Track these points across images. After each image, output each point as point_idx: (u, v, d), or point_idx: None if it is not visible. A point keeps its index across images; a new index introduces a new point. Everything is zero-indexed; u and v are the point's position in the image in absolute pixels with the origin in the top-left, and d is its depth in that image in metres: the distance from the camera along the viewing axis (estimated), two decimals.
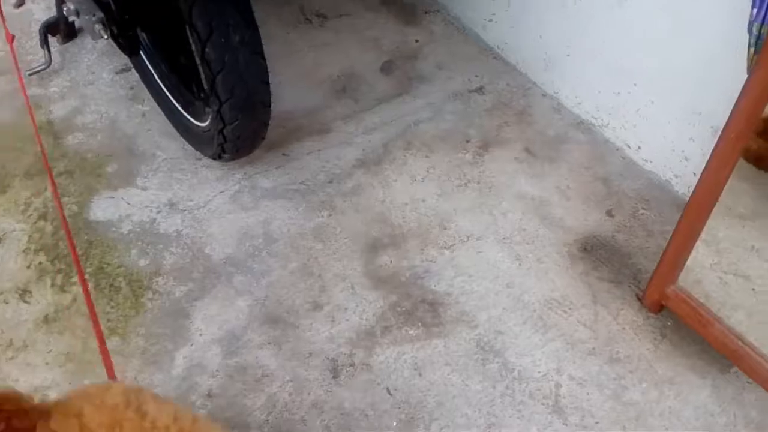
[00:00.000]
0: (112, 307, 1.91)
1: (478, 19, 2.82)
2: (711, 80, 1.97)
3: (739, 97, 1.51)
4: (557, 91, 2.59)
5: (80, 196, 2.20)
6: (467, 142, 2.42)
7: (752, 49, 1.55)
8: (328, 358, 1.81)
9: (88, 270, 1.99)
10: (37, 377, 1.76)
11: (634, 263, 2.04)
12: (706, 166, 1.67)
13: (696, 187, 1.72)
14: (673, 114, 2.17)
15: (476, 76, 2.68)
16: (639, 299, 1.95)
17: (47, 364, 1.79)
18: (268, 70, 1.91)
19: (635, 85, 2.27)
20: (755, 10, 1.55)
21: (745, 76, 1.52)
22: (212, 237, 2.10)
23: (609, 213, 2.21)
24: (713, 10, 1.88)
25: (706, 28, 1.94)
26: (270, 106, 2.00)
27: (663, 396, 1.75)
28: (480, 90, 2.63)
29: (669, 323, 1.90)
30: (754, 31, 1.53)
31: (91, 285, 1.95)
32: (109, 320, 1.88)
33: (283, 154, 2.33)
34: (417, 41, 2.81)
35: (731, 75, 1.48)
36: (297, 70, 2.64)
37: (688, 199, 1.75)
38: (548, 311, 1.92)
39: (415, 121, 2.48)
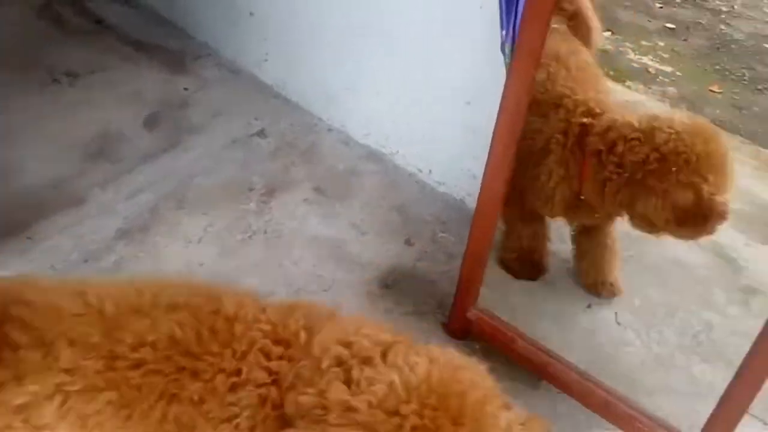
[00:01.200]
0: None
1: (253, 60, 2.72)
2: (480, 99, 2.03)
3: (498, 111, 1.55)
4: (344, 125, 2.55)
5: None
6: (250, 190, 2.27)
7: (507, 68, 1.59)
8: None
9: None
10: None
11: (437, 290, 2.01)
12: (482, 180, 1.68)
13: (477, 205, 1.72)
14: (455, 135, 2.20)
15: (256, 118, 2.56)
16: (444, 327, 1.92)
17: None
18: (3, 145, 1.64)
19: (417, 111, 2.28)
20: (504, 32, 1.64)
21: None
22: None
23: (408, 242, 2.16)
24: (476, 36, 1.95)
25: (468, 52, 2.01)
26: None
27: None
28: (261, 133, 2.51)
29: (477, 347, 1.87)
30: (506, 50, 1.60)
31: None
32: None
33: (28, 238, 2.02)
34: (186, 89, 2.64)
35: (496, 92, 1.52)
36: (43, 138, 2.34)
37: None
38: None
39: (188, 175, 2.29)
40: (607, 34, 2.98)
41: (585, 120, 1.70)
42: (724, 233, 2.24)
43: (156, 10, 3.01)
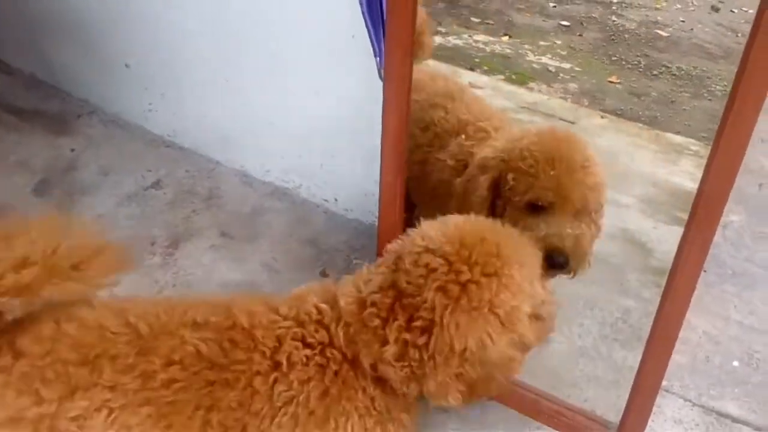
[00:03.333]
0: None
1: (137, 112, 2.74)
2: (370, 125, 2.01)
3: (381, 135, 1.66)
4: (243, 165, 2.60)
5: None
6: (152, 244, 2.29)
7: None
8: None
9: None
10: None
11: None
12: (378, 210, 1.77)
13: (378, 234, 1.82)
14: (353, 161, 2.29)
15: (149, 170, 2.58)
16: None
17: None
18: None
19: (314, 142, 2.36)
20: (378, 59, 1.76)
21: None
22: None
23: (323, 273, 2.22)
24: (352, 65, 2.04)
25: (350, 81, 2.11)
26: None
27: None
28: (157, 184, 2.53)
29: None
30: (383, 76, 1.67)
31: None
32: None
33: None
34: (73, 150, 2.64)
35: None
36: None
37: None
38: None
39: None
40: (506, 38, 3.14)
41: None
42: (633, 219, 2.40)
43: (32, 73, 3.01)
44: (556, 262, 1.54)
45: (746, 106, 1.17)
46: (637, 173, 2.60)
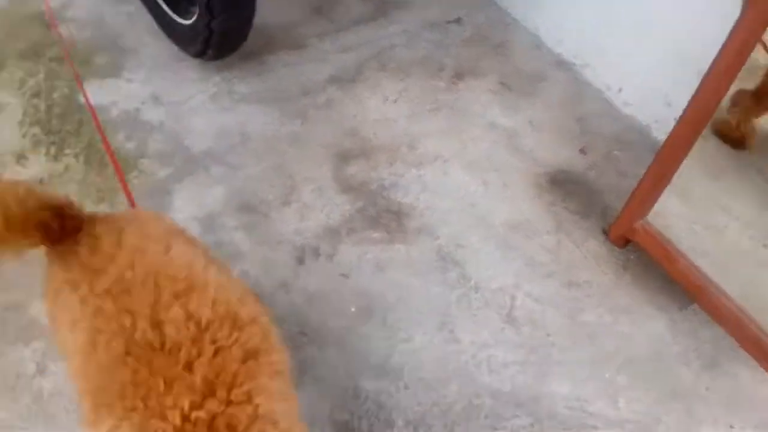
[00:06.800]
0: (102, 180, 2.20)
1: None
2: (700, 23, 2.15)
3: (732, 29, 1.67)
4: (538, 29, 2.88)
5: (71, 81, 2.49)
6: (441, 70, 2.70)
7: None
8: (295, 247, 2.10)
9: (79, 145, 2.29)
10: None
11: (602, 200, 2.33)
12: (685, 111, 1.86)
13: (672, 132, 1.91)
14: (659, 57, 2.40)
15: (454, 7, 2.96)
16: (604, 232, 2.24)
17: None
18: None
19: (621, 25, 2.51)
20: None
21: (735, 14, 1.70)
22: (192, 131, 2.40)
23: (582, 151, 2.49)
24: None
25: None
26: (255, 3, 2.30)
27: (617, 322, 2.03)
28: (458, 21, 2.91)
29: (632, 257, 2.19)
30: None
31: (81, 159, 2.25)
32: (99, 190, 2.17)
33: (260, 64, 2.64)
34: None
35: (722, 16, 1.67)
36: None
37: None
38: (511, 233, 2.21)
39: (390, 45, 2.76)
40: None
41: None
42: None
43: None
44: None
45: None
46: None
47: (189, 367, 1.08)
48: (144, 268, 1.21)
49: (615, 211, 2.22)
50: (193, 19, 2.35)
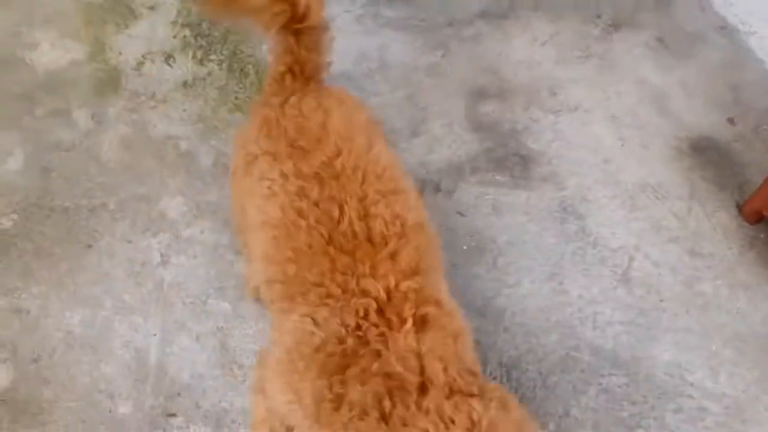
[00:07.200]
0: (240, 89, 2.34)
1: None
2: None
3: None
4: None
5: None
6: (598, 17, 2.63)
7: None
8: (416, 179, 2.13)
9: (224, 53, 2.43)
10: (172, 128, 2.22)
11: (742, 173, 2.26)
12: None
13: None
14: None
15: None
16: (738, 206, 2.18)
17: (181, 119, 2.25)
18: None
19: None
20: None
21: None
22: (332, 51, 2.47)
23: (731, 121, 2.40)
24: None
25: None
26: None
27: (735, 296, 2.01)
28: None
29: (762, 236, 2.13)
30: None
31: (224, 66, 2.40)
32: (236, 98, 2.31)
33: None
34: None
35: None
36: None
37: None
38: (640, 193, 2.19)
39: None
40: None
41: None
42: None
43: None
44: None
45: None
46: None
47: (393, 256, 1.20)
48: (352, 160, 1.30)
49: (753, 187, 2.16)
50: None
